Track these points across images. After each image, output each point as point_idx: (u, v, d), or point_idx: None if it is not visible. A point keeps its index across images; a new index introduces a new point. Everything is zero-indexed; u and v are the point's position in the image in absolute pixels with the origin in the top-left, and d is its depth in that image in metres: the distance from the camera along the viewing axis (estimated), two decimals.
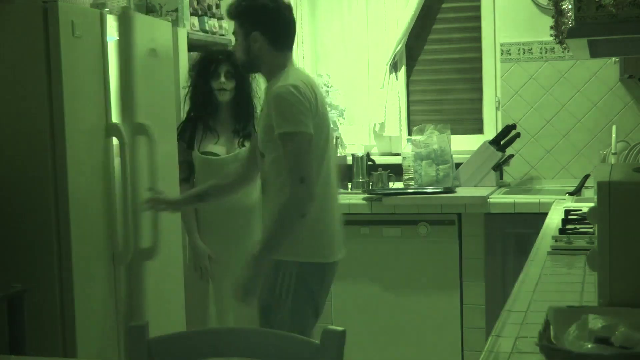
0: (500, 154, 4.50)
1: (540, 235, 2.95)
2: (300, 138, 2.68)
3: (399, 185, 4.66)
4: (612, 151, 4.19)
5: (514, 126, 4.53)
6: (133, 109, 3.52)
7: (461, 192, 4.33)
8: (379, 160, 4.82)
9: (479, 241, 4.12)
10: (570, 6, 3.21)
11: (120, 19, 3.46)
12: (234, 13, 2.90)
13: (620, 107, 4.50)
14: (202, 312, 3.92)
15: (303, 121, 2.68)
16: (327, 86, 4.79)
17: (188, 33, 4.36)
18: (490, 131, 4.77)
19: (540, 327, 1.51)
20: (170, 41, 3.87)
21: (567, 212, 3.25)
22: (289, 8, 2.92)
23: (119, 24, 3.43)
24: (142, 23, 3.66)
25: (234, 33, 2.96)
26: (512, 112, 4.67)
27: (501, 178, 4.66)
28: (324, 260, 2.86)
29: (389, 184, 4.57)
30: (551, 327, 1.51)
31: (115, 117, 3.41)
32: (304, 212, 2.69)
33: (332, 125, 3.02)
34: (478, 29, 4.77)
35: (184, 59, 4.28)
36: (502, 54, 4.68)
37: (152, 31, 3.70)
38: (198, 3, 4.59)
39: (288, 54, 2.90)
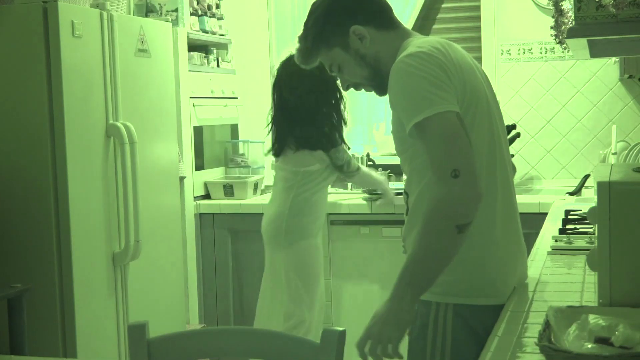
0: None
1: (540, 235, 2.95)
2: (440, 121, 1.79)
3: (399, 185, 4.66)
4: (612, 151, 4.19)
5: (514, 126, 4.52)
6: (126, 110, 3.52)
7: None
8: (379, 160, 4.82)
9: None
10: (570, 6, 3.21)
11: (118, 20, 3.47)
12: (312, 31, 2.06)
13: (620, 107, 4.50)
14: None
15: (439, 97, 1.80)
16: None
17: (188, 33, 4.36)
18: None
19: (540, 327, 1.51)
20: (170, 41, 3.87)
21: (567, 212, 3.25)
22: None
23: (116, 25, 3.44)
24: (139, 24, 3.66)
25: (330, 69, 2.09)
26: (512, 112, 4.67)
27: None
28: (486, 302, 1.92)
29: (389, 184, 4.57)
30: (551, 327, 1.51)
31: (111, 118, 3.42)
32: (462, 220, 1.75)
33: (491, 98, 2.03)
34: (478, 29, 4.77)
35: (184, 59, 4.28)
36: (502, 54, 4.68)
37: (151, 31, 3.70)
38: (198, 3, 4.59)
39: (399, 28, 2.06)
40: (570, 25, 2.41)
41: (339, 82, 3.01)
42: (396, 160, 5.04)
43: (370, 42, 1.98)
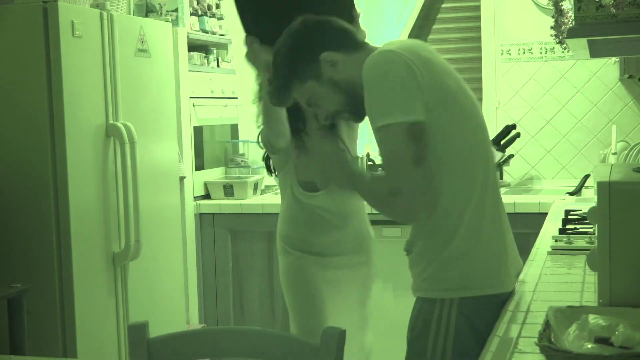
0: (500, 154, 4.50)
1: (540, 235, 2.95)
2: (392, 132, 1.81)
3: None
4: (612, 151, 4.19)
5: (514, 126, 4.53)
6: (126, 110, 3.53)
7: None
8: (379, 160, 4.82)
9: None
10: (570, 6, 3.21)
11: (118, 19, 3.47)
12: (283, 68, 2.04)
13: (620, 107, 4.50)
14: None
15: (399, 105, 1.81)
16: None
17: (188, 33, 4.36)
18: (490, 131, 4.76)
19: (540, 327, 1.51)
20: (170, 41, 3.87)
21: (567, 212, 3.25)
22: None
23: (116, 25, 3.44)
24: (139, 24, 3.66)
25: (307, 104, 2.07)
26: (512, 112, 4.67)
27: (501, 178, 4.66)
28: (491, 291, 1.94)
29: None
30: (551, 327, 1.51)
31: (111, 118, 3.42)
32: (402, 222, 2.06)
33: (475, 104, 2.02)
34: (478, 29, 4.77)
35: (184, 59, 4.28)
36: (502, 54, 4.68)
37: (151, 31, 3.70)
38: (198, 3, 4.59)
39: (366, 47, 2.05)
40: (570, 25, 2.41)
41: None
42: None
43: (342, 67, 1.97)
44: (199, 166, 4.47)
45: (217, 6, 4.82)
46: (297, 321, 2.78)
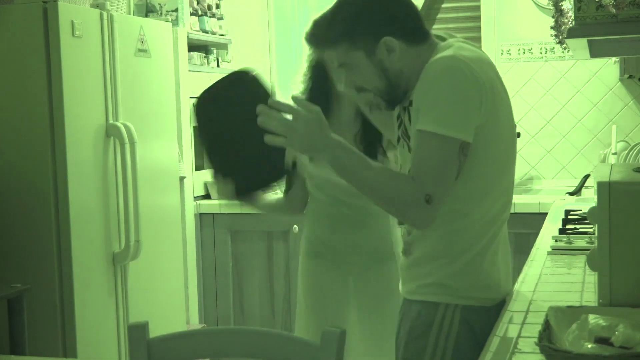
0: None
1: (540, 235, 2.95)
2: (443, 144, 1.78)
3: None
4: (612, 151, 4.19)
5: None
6: (126, 110, 3.53)
7: None
8: None
9: None
10: (570, 6, 3.21)
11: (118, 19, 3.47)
12: (341, 26, 1.88)
13: (620, 107, 4.50)
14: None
15: (459, 121, 1.79)
16: None
17: (188, 33, 4.36)
18: None
19: (540, 327, 1.51)
20: (170, 41, 3.87)
21: (567, 212, 3.24)
22: None
23: (116, 25, 3.44)
24: (139, 24, 3.67)
25: (340, 65, 1.92)
26: (512, 112, 4.67)
27: None
28: (492, 303, 1.94)
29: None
30: (551, 327, 1.51)
31: (111, 118, 3.42)
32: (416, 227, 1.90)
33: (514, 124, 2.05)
34: (478, 29, 4.77)
35: (184, 59, 4.28)
36: (502, 54, 4.68)
37: (151, 31, 3.70)
38: (198, 3, 4.59)
39: (428, 40, 1.94)
40: (570, 25, 2.41)
41: None
42: None
43: (398, 57, 1.86)
44: (199, 166, 4.47)
45: (217, 6, 4.82)
46: (304, 324, 2.73)
